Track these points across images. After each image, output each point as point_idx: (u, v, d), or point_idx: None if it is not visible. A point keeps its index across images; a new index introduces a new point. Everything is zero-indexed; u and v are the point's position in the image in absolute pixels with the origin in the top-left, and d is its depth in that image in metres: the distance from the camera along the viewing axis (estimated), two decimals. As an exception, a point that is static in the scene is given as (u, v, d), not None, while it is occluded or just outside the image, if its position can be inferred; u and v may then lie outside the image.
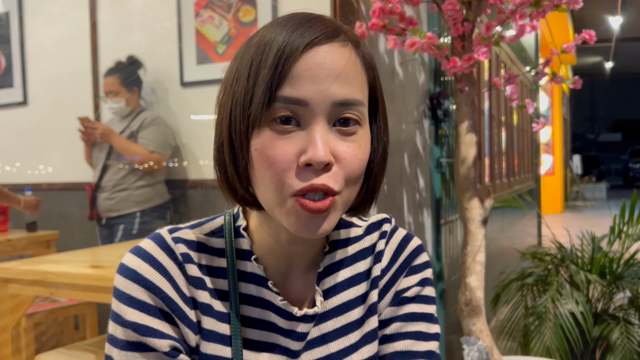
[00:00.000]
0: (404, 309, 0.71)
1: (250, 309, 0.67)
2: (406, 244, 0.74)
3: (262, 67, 0.58)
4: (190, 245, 0.66)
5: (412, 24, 1.61)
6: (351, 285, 0.71)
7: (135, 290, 0.62)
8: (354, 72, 0.60)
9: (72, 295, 1.71)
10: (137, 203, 2.62)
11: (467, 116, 1.75)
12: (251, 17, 2.64)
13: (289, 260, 0.68)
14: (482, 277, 1.77)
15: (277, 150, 0.58)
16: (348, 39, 0.61)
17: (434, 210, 2.54)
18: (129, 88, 2.72)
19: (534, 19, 1.64)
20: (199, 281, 0.65)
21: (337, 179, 0.59)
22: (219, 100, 0.64)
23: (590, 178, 15.80)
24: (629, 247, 2.53)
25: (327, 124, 0.59)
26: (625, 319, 2.31)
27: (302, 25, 0.59)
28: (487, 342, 1.75)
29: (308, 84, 0.57)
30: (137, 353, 0.61)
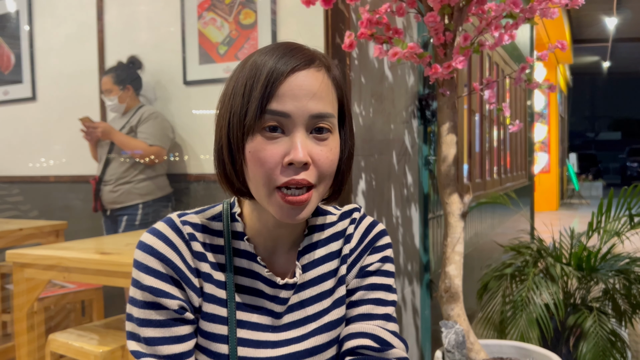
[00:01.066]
0: (367, 280, 0.89)
1: (243, 279, 0.84)
2: (372, 228, 0.92)
3: (255, 87, 0.75)
4: (195, 227, 0.83)
5: (397, 33, 1.75)
6: (325, 262, 0.88)
7: (151, 262, 0.78)
8: (326, 91, 0.78)
9: (84, 279, 1.86)
10: (139, 195, 2.76)
11: (449, 118, 1.90)
12: (251, 20, 2.77)
13: (274, 240, 0.85)
14: (461, 267, 1.93)
15: (266, 152, 0.75)
16: (322, 65, 0.80)
17: (421, 205, 2.69)
18: (122, 86, 2.84)
19: (509, 30, 1.78)
20: (202, 255, 0.82)
21: (313, 175, 0.76)
22: (219, 111, 0.81)
23: (587, 176, 15.93)
24: (607, 241, 2.67)
25: (306, 132, 0.76)
26: (599, 309, 2.46)
27: (286, 54, 0.77)
28: (464, 326, 1.90)
29: (291, 101, 0.74)
30: (152, 311, 0.78)
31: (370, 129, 2.12)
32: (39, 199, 3.43)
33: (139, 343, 0.78)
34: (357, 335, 0.85)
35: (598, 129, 36.29)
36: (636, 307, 2.53)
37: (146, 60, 3.01)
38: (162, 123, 2.81)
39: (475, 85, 1.92)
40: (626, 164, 23.19)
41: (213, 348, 0.80)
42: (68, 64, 3.27)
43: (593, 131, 36.00)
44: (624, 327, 2.54)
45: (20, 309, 1.98)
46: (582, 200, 13.38)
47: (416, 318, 2.65)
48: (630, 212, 2.60)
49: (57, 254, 1.89)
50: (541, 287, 2.32)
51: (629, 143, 28.08)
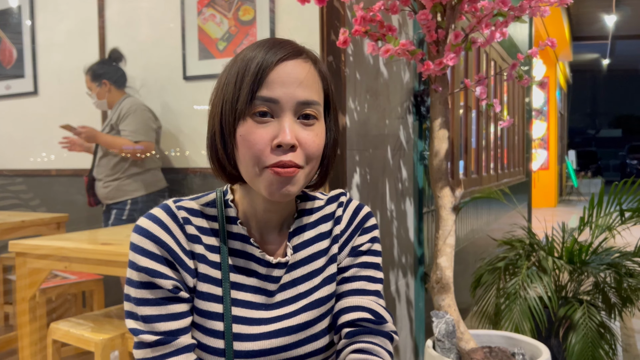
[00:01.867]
0: (359, 259, 0.96)
1: (236, 260, 0.89)
2: (359, 211, 0.98)
3: (246, 75, 0.81)
4: (190, 212, 0.88)
5: (391, 30, 1.80)
6: (315, 242, 0.94)
7: (146, 244, 0.83)
8: (313, 81, 0.84)
9: (85, 268, 1.91)
10: (127, 192, 2.79)
11: (441, 114, 1.94)
12: (250, 16, 2.81)
13: (266, 223, 0.91)
14: (452, 258, 1.97)
15: (256, 135, 0.80)
16: (309, 57, 0.86)
17: (416, 200, 2.73)
18: (98, 83, 2.87)
19: (499, 28, 1.83)
20: (196, 238, 0.87)
21: (300, 157, 0.82)
22: (212, 100, 0.87)
23: (586, 173, 15.98)
24: (598, 236, 2.72)
25: (293, 117, 0.82)
26: (589, 302, 2.51)
27: (275, 46, 0.84)
28: (455, 316, 1.95)
29: (279, 87, 0.80)
30: (148, 290, 0.83)
31: (365, 124, 2.17)
32: (41, 192, 3.47)
33: (136, 321, 0.83)
34: (354, 308, 0.91)
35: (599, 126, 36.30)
36: (626, 301, 2.58)
37: (146, 56, 3.05)
38: (142, 115, 2.81)
39: (467, 82, 1.97)
40: (626, 161, 23.23)
41: (209, 325, 0.85)
42: (69, 59, 3.30)
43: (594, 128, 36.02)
44: (614, 319, 2.59)
45: (22, 298, 2.03)
46: (581, 197, 13.44)
47: (410, 310, 2.70)
48: (621, 208, 2.64)
49: (58, 245, 1.94)
50: (534, 279, 2.37)
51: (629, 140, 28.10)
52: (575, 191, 13.66)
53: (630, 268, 2.60)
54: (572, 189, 13.73)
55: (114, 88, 2.88)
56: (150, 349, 0.82)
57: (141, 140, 2.75)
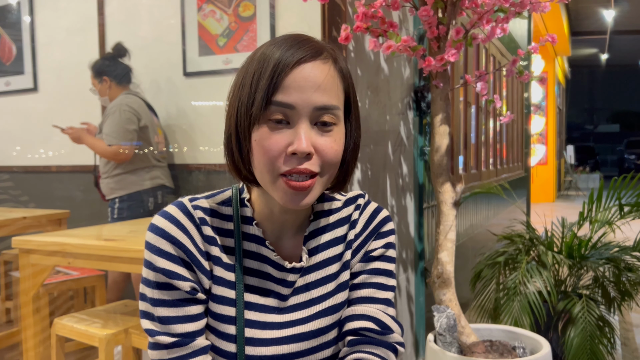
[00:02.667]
0: (371, 265, 0.93)
1: (251, 262, 0.88)
2: (376, 214, 0.95)
3: (262, 78, 0.78)
4: (206, 212, 0.87)
5: (392, 26, 1.81)
6: (330, 247, 0.92)
7: (163, 244, 0.82)
8: (332, 83, 0.81)
9: (88, 264, 1.92)
10: (114, 190, 2.77)
11: (442, 109, 1.95)
12: (250, 12, 2.80)
13: (281, 225, 0.89)
14: (453, 253, 1.99)
15: (271, 141, 0.78)
16: (329, 56, 0.82)
17: (416, 195, 2.75)
18: (99, 79, 2.83)
19: (500, 24, 1.84)
20: (212, 239, 0.86)
21: (317, 165, 0.79)
22: (229, 100, 0.85)
23: (585, 168, 16.01)
24: (597, 231, 2.74)
25: (310, 124, 0.79)
26: (588, 296, 2.52)
27: (294, 46, 0.80)
28: (456, 311, 1.97)
29: (296, 92, 0.77)
30: (165, 291, 0.82)
31: (366, 120, 2.18)
32: (41, 189, 3.46)
33: (152, 322, 0.82)
34: (359, 317, 0.89)
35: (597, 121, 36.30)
36: (625, 295, 2.60)
37: (146, 52, 3.04)
38: (121, 116, 2.74)
39: (468, 78, 1.98)
40: (624, 156, 23.27)
41: (221, 329, 0.85)
42: (69, 55, 3.28)
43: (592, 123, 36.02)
44: (613, 313, 2.61)
45: (26, 293, 2.04)
46: (579, 192, 13.47)
47: (411, 304, 2.72)
48: (620, 202, 2.66)
49: (62, 240, 1.95)
50: (533, 274, 2.39)
51: (627, 135, 28.11)
52: (574, 186, 13.69)
53: (629, 262, 2.62)
54: (570, 184, 13.76)
55: (114, 84, 2.85)
56: (166, 350, 0.81)
57: (114, 143, 2.70)
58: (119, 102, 2.79)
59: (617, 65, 18.87)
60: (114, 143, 2.71)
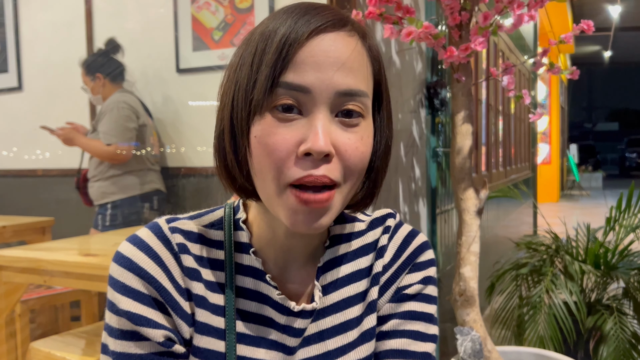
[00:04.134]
0: (404, 306, 0.70)
1: (247, 303, 0.66)
2: (411, 239, 0.73)
3: (267, 53, 0.58)
4: (188, 236, 0.66)
5: (409, 12, 1.59)
6: (351, 282, 0.70)
7: (129, 279, 0.62)
8: (359, 63, 0.60)
9: (66, 283, 1.71)
10: (106, 194, 2.59)
11: (464, 106, 1.74)
12: (248, 4, 2.62)
13: (287, 253, 0.67)
14: (477, 268, 1.78)
15: (277, 137, 0.57)
16: (355, 30, 0.61)
17: (429, 200, 2.54)
18: (92, 77, 2.68)
19: (532, 9, 1.62)
20: (194, 272, 0.65)
21: (337, 171, 0.58)
22: (222, 87, 0.63)
23: (587, 167, 15.82)
24: (624, 238, 2.53)
25: (330, 114, 0.58)
26: (619, 309, 2.32)
27: (309, 12, 0.59)
28: (481, 333, 1.76)
29: (312, 71, 0.57)
30: (131, 342, 0.61)
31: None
32: (26, 194, 3.29)
33: None
34: None
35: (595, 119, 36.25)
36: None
37: (137, 47, 2.88)
38: (119, 113, 2.58)
39: (493, 70, 1.77)
40: (625, 154, 23.12)
41: None
42: (55, 52, 3.15)
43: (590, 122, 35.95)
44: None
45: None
46: (583, 191, 13.27)
47: (424, 319, 2.51)
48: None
49: (37, 256, 1.74)
50: (561, 287, 2.18)
51: (626, 134, 28.01)
52: (577, 186, 13.50)
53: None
54: (573, 184, 13.57)
55: (108, 82, 2.68)
56: None
57: (113, 142, 2.53)
58: (116, 99, 2.63)
59: (621, 62, 18.71)
60: (113, 142, 2.54)
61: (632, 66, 23.72)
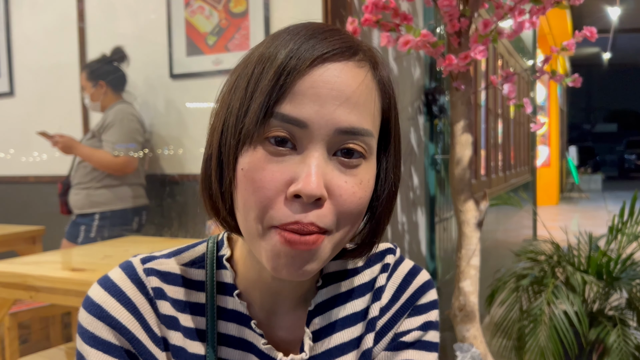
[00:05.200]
0: (401, 355, 0.64)
1: (230, 352, 0.61)
2: (412, 279, 0.66)
3: (264, 78, 0.52)
4: (165, 278, 0.60)
5: (407, 19, 1.54)
6: (345, 327, 0.64)
7: (99, 329, 0.57)
8: (366, 98, 0.54)
9: (53, 299, 1.65)
10: (95, 204, 2.52)
11: (463, 115, 1.69)
12: (242, 8, 2.57)
13: (275, 296, 0.62)
14: (477, 282, 1.72)
15: (265, 173, 0.51)
16: (366, 59, 0.55)
17: (428, 209, 2.48)
18: (94, 83, 2.62)
19: (534, 16, 1.57)
20: (172, 320, 0.60)
21: (329, 217, 0.52)
22: (214, 109, 0.58)
23: (586, 169, 15.77)
24: (626, 246, 2.48)
25: (327, 153, 0.52)
26: (622, 320, 2.26)
27: (315, 36, 0.53)
28: (481, 349, 1.70)
29: (311, 104, 0.51)
30: None
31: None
32: (18, 202, 3.24)
33: None
34: None
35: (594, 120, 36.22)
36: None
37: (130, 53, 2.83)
38: (129, 125, 2.54)
39: (493, 79, 1.71)
40: (624, 156, 23.06)
41: None
42: (47, 56, 3.10)
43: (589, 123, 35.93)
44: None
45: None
46: (582, 194, 13.22)
47: (423, 331, 2.45)
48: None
49: (23, 271, 1.68)
50: (561, 298, 2.12)
51: (625, 135, 27.97)
52: (576, 188, 13.45)
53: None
54: (572, 186, 13.52)
55: (110, 91, 2.63)
56: None
57: (122, 154, 2.47)
58: (123, 110, 2.59)
59: (619, 64, 18.67)
60: (123, 154, 2.47)
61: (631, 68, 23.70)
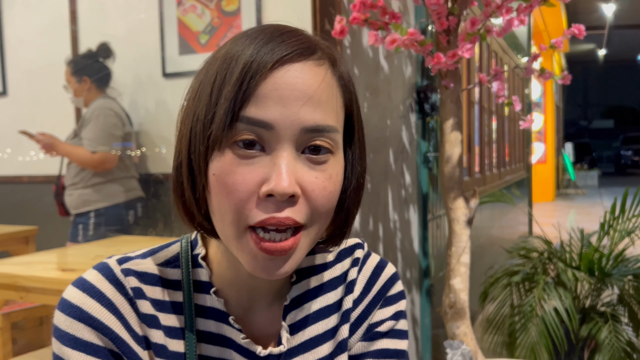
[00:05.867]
0: (377, 344, 0.67)
1: (210, 348, 0.62)
2: (380, 271, 0.69)
3: (227, 84, 0.53)
4: (143, 278, 0.61)
5: (395, 18, 1.54)
6: (320, 319, 0.66)
7: (80, 330, 0.56)
8: (328, 95, 0.56)
9: (44, 299, 1.65)
10: (89, 202, 2.51)
11: (453, 113, 1.69)
12: (234, 6, 2.56)
13: (251, 292, 0.63)
14: (467, 279, 1.73)
15: (236, 177, 0.53)
16: (325, 57, 0.57)
17: (420, 206, 2.49)
18: (78, 78, 2.60)
19: (521, 14, 1.58)
20: (152, 319, 0.60)
21: (303, 213, 0.54)
22: (181, 115, 0.59)
23: (582, 165, 15.80)
24: (618, 242, 2.49)
25: (295, 151, 0.54)
26: (613, 316, 2.27)
27: (274, 39, 0.55)
28: (472, 346, 1.71)
29: (275, 105, 0.53)
30: None
31: (365, 126, 1.90)
32: (12, 202, 3.23)
33: None
34: None
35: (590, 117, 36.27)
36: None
37: (122, 51, 2.82)
38: (105, 120, 2.51)
39: (482, 77, 1.72)
40: (620, 152, 23.07)
41: None
42: (40, 55, 3.08)
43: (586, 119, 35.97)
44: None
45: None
46: (578, 190, 13.25)
47: (416, 329, 2.46)
48: (646, 212, 2.40)
49: (12, 272, 1.68)
50: (551, 295, 2.13)
51: (622, 131, 28.00)
52: (572, 184, 13.47)
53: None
54: (569, 182, 13.54)
55: (94, 87, 2.62)
56: None
57: (99, 150, 2.45)
58: (101, 105, 2.56)
59: (615, 60, 18.68)
60: (99, 150, 2.45)
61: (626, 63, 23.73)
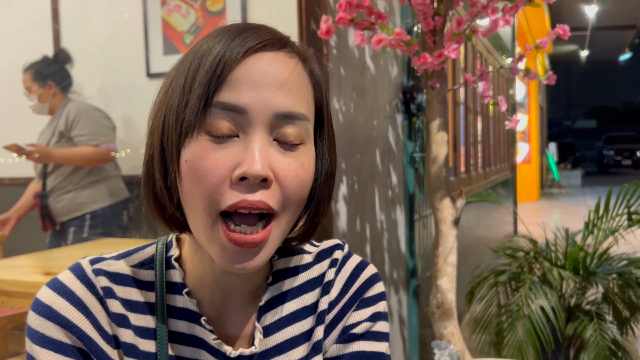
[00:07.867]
0: (352, 346, 0.65)
1: (181, 349, 0.61)
2: (359, 272, 0.68)
3: (200, 72, 0.54)
4: (114, 278, 0.61)
5: (381, 18, 1.54)
6: (296, 320, 0.65)
7: (49, 329, 0.57)
8: (299, 85, 0.56)
9: (26, 304, 1.62)
10: (85, 204, 2.47)
11: (439, 114, 1.69)
12: (219, 6, 2.55)
13: (225, 293, 0.62)
14: (454, 279, 1.73)
15: (209, 161, 0.53)
16: (295, 52, 0.58)
17: (407, 207, 2.49)
18: (42, 83, 2.54)
19: (507, 14, 1.58)
20: (122, 318, 0.60)
21: (275, 198, 0.54)
22: (152, 112, 0.59)
23: (566, 165, 15.95)
24: (602, 241, 2.50)
25: (268, 136, 0.54)
26: (598, 315, 2.29)
27: (246, 31, 0.56)
28: (459, 346, 1.71)
29: (248, 90, 0.54)
30: None
31: (352, 127, 1.90)
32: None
33: None
34: None
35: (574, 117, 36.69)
36: (635, 310, 2.36)
37: (106, 51, 2.79)
38: (94, 115, 2.49)
39: (468, 77, 1.72)
40: (603, 152, 23.33)
41: None
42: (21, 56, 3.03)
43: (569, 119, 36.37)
44: (625, 334, 2.37)
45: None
46: (562, 189, 13.38)
47: (403, 329, 2.46)
48: (630, 211, 2.42)
49: (-7, 276, 1.64)
50: (538, 294, 2.14)
51: (604, 131, 28.35)
52: (556, 184, 13.60)
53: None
54: (553, 182, 13.67)
55: (59, 91, 2.56)
56: None
57: (102, 141, 2.43)
58: (80, 105, 2.54)
59: (597, 61, 18.91)
60: (102, 141, 2.42)
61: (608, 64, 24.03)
